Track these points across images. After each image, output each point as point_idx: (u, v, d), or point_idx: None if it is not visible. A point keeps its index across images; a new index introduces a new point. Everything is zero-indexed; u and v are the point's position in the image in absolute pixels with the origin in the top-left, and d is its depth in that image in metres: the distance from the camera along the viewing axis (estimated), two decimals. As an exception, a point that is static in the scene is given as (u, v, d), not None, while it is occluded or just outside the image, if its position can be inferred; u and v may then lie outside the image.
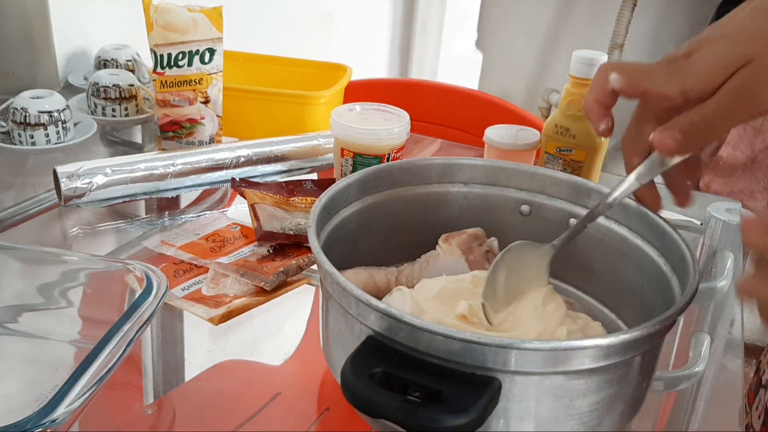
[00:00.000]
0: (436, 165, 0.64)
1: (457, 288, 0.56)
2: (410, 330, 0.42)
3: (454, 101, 1.31)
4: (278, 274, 0.68)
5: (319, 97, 1.00)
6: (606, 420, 0.46)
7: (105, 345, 0.49)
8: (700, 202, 0.99)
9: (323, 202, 0.55)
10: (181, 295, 0.65)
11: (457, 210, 0.65)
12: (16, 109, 0.88)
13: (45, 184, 0.82)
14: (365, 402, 0.40)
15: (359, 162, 0.79)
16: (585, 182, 0.62)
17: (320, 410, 0.55)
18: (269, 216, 0.74)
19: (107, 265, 0.64)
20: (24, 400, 0.52)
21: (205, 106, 0.92)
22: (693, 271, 0.49)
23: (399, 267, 0.62)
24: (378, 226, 0.63)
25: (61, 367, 0.56)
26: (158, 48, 0.88)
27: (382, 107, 0.83)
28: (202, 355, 0.60)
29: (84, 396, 0.45)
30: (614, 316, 0.61)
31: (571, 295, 0.63)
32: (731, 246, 0.80)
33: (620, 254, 0.59)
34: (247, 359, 0.61)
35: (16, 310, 0.61)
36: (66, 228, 0.78)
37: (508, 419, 0.43)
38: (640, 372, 0.47)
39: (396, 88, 1.38)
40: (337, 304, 0.48)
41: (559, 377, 0.43)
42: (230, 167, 0.85)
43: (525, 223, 0.64)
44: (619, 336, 0.42)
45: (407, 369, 0.42)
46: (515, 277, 0.55)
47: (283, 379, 0.59)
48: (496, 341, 0.41)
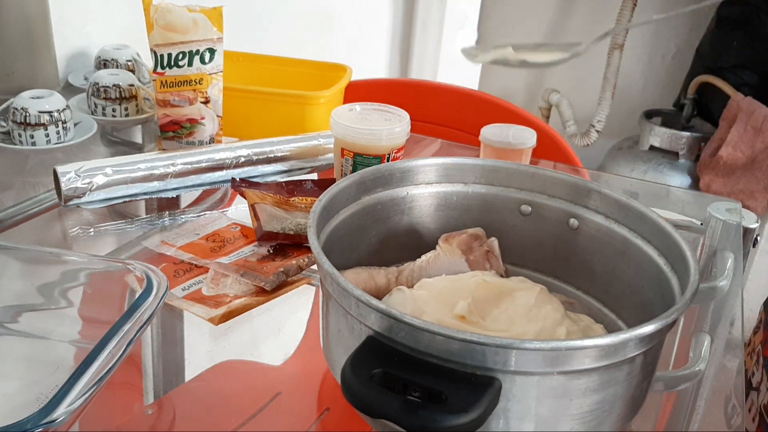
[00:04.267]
0: (436, 165, 0.64)
1: (457, 288, 0.56)
2: (410, 330, 0.42)
3: (454, 101, 1.31)
4: (278, 274, 0.68)
5: (319, 97, 1.00)
6: (606, 420, 0.46)
7: (105, 345, 0.49)
8: (700, 202, 0.99)
9: (323, 202, 0.55)
10: (181, 295, 0.65)
11: (457, 210, 0.65)
12: (16, 109, 0.88)
13: (45, 184, 0.82)
14: (365, 402, 0.40)
15: (359, 162, 0.79)
16: (585, 182, 0.62)
17: (320, 410, 0.55)
18: (269, 216, 0.74)
19: (107, 265, 0.64)
20: (24, 400, 0.52)
21: (205, 106, 0.92)
22: (693, 271, 0.49)
23: (399, 267, 0.62)
24: (378, 226, 0.63)
25: (61, 367, 0.56)
26: (158, 48, 0.88)
27: (382, 107, 0.83)
28: (202, 355, 0.60)
29: (84, 396, 0.45)
30: (614, 316, 0.61)
31: (571, 295, 0.63)
32: (731, 246, 0.80)
33: (620, 254, 0.59)
34: (247, 359, 0.61)
35: (16, 310, 0.61)
36: (66, 228, 0.78)
37: (508, 419, 0.43)
38: (640, 372, 0.47)
39: (396, 88, 1.38)
40: (337, 304, 0.48)
41: (559, 377, 0.43)
42: (230, 167, 0.85)
43: (525, 223, 0.64)
44: (619, 336, 0.42)
45: (407, 369, 0.42)
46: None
47: (283, 379, 0.59)
48: (496, 341, 0.41)
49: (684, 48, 2.58)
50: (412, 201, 0.64)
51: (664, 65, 2.65)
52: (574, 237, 0.62)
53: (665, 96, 2.62)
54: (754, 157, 2.05)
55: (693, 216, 0.87)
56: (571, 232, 0.62)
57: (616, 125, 2.54)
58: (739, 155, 2.06)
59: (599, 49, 2.32)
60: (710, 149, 2.14)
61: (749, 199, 2.05)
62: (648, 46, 2.62)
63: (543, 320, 0.53)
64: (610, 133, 2.50)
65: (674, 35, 2.61)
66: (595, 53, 2.40)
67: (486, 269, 0.62)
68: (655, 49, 2.63)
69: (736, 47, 2.22)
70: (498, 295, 0.56)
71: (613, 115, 2.39)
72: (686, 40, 2.58)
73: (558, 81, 2.63)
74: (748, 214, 0.86)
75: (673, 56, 2.63)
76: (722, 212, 0.86)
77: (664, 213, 0.55)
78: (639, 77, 2.67)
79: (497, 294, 0.56)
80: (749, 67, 2.21)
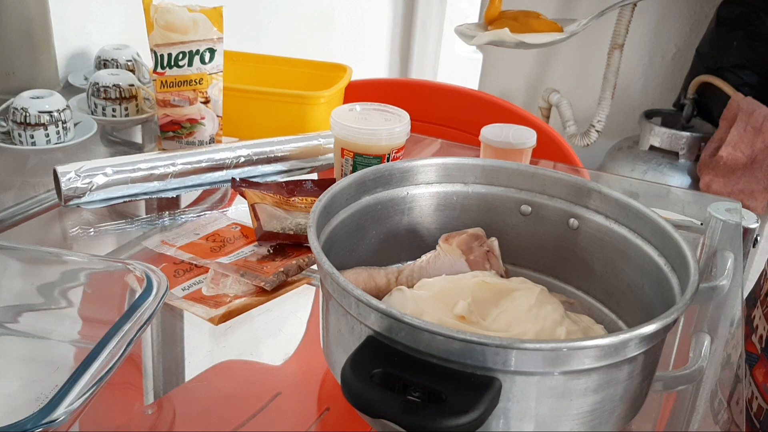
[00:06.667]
0: (436, 165, 0.64)
1: (457, 288, 0.56)
2: (410, 330, 0.42)
3: (453, 101, 1.31)
4: (278, 274, 0.68)
5: (319, 97, 1.00)
6: (606, 420, 0.46)
7: (105, 345, 0.49)
8: (700, 202, 0.99)
9: (323, 202, 0.55)
10: (181, 295, 0.65)
11: (457, 210, 0.65)
12: (16, 109, 0.88)
13: (45, 184, 0.82)
14: (365, 402, 0.40)
15: (359, 162, 0.79)
16: (585, 182, 0.62)
17: (320, 410, 0.55)
18: (269, 216, 0.74)
19: (107, 265, 0.64)
20: (24, 400, 0.52)
21: (205, 106, 0.92)
22: (693, 271, 0.49)
23: (399, 267, 0.62)
24: (378, 226, 0.63)
25: (61, 367, 0.56)
26: (158, 48, 0.88)
27: (382, 107, 0.83)
28: (202, 355, 0.60)
29: (84, 396, 0.45)
30: (614, 316, 0.61)
31: (571, 295, 0.63)
32: (731, 246, 0.80)
33: (620, 254, 0.59)
34: (247, 359, 0.61)
35: (16, 310, 0.61)
36: (66, 228, 0.78)
37: (508, 419, 0.43)
38: (640, 372, 0.47)
39: (396, 88, 1.38)
40: (337, 304, 0.48)
41: (559, 377, 0.43)
42: (230, 167, 0.85)
43: (525, 223, 0.64)
44: (619, 336, 0.42)
45: (407, 369, 0.42)
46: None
47: (283, 379, 0.59)
48: (496, 341, 0.41)
49: (684, 48, 2.58)
50: (412, 201, 0.64)
51: (664, 65, 2.65)
52: (574, 237, 0.62)
53: (665, 96, 2.62)
54: (754, 157, 2.05)
55: (693, 216, 0.87)
56: (571, 232, 0.62)
57: (616, 125, 2.54)
58: (739, 155, 2.06)
59: (599, 49, 2.33)
60: (710, 149, 2.14)
61: (749, 199, 2.05)
62: (648, 46, 2.62)
63: (543, 320, 0.53)
64: (610, 133, 2.50)
65: (674, 35, 2.61)
66: (596, 53, 2.40)
67: (486, 269, 0.62)
68: (655, 49, 2.63)
69: (736, 47, 2.22)
70: (498, 296, 0.56)
71: (613, 115, 2.39)
72: (686, 40, 2.58)
73: (558, 81, 2.63)
74: (748, 214, 0.86)
75: (673, 56, 2.63)
76: (722, 212, 0.86)
77: (664, 213, 0.55)
78: (639, 77, 2.68)
79: (497, 294, 0.56)
80: (749, 67, 2.21)
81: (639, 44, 2.57)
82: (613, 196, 0.60)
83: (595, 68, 2.39)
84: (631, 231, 0.58)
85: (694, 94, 2.32)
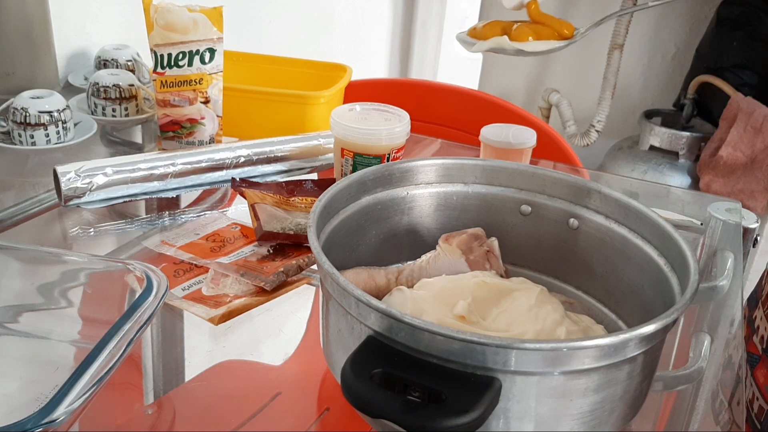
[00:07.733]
0: (436, 165, 0.64)
1: (457, 288, 0.56)
2: (410, 330, 0.42)
3: (453, 101, 1.31)
4: (278, 274, 0.68)
5: (319, 97, 1.00)
6: (606, 420, 0.46)
7: (105, 345, 0.49)
8: (700, 202, 0.99)
9: (323, 202, 0.55)
10: (181, 295, 0.65)
11: (457, 210, 0.65)
12: (16, 109, 0.88)
13: (45, 184, 0.82)
14: (365, 402, 0.40)
15: (359, 162, 0.79)
16: (585, 182, 0.62)
17: (320, 410, 0.55)
18: (269, 216, 0.74)
19: (107, 265, 0.64)
20: (24, 400, 0.52)
21: (205, 106, 0.92)
22: (693, 271, 0.49)
23: (399, 267, 0.62)
24: (378, 226, 0.63)
25: (61, 367, 0.56)
26: (158, 48, 0.88)
27: (382, 107, 0.83)
28: (202, 355, 0.60)
29: (84, 396, 0.45)
30: (614, 316, 0.61)
31: (571, 295, 0.63)
32: (731, 246, 0.80)
33: (620, 254, 0.59)
34: (247, 359, 0.61)
35: (16, 310, 0.61)
36: (66, 228, 0.78)
37: (508, 419, 0.43)
38: (640, 372, 0.47)
39: (396, 88, 1.38)
40: (337, 304, 0.48)
41: (559, 377, 0.43)
42: (230, 167, 0.85)
43: (525, 223, 0.64)
44: (619, 336, 0.42)
45: (407, 369, 0.42)
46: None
47: (283, 379, 0.59)
48: (496, 341, 0.41)
49: (684, 48, 2.58)
50: (412, 201, 0.64)
51: (664, 65, 2.65)
52: (574, 237, 0.62)
53: (665, 96, 2.62)
54: (754, 157, 2.05)
55: (693, 216, 0.87)
56: (571, 232, 0.62)
57: (616, 125, 2.54)
58: (739, 155, 2.06)
59: (599, 49, 2.33)
60: (710, 149, 2.14)
61: (749, 199, 2.05)
62: (648, 46, 2.62)
63: (543, 320, 0.53)
64: (610, 133, 2.50)
65: (674, 35, 2.61)
66: (596, 53, 2.40)
67: (486, 269, 0.62)
68: (655, 49, 2.63)
69: (736, 47, 2.22)
70: (498, 296, 0.56)
71: (613, 115, 2.39)
72: (686, 40, 2.58)
73: (558, 81, 2.63)
74: (748, 214, 0.86)
75: (673, 56, 2.63)
76: (722, 212, 0.86)
77: (664, 213, 0.55)
78: (639, 77, 2.67)
79: (497, 294, 0.56)
80: (749, 67, 2.21)
81: (639, 44, 2.57)
82: (613, 196, 0.60)
83: (595, 68, 2.39)
84: (631, 231, 0.58)
85: (694, 94, 2.32)
